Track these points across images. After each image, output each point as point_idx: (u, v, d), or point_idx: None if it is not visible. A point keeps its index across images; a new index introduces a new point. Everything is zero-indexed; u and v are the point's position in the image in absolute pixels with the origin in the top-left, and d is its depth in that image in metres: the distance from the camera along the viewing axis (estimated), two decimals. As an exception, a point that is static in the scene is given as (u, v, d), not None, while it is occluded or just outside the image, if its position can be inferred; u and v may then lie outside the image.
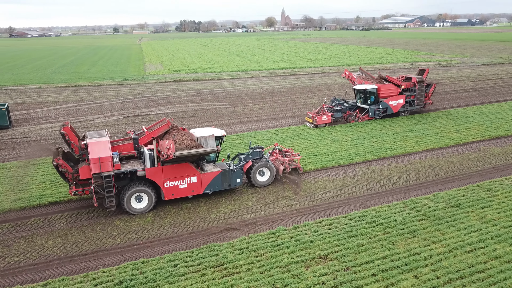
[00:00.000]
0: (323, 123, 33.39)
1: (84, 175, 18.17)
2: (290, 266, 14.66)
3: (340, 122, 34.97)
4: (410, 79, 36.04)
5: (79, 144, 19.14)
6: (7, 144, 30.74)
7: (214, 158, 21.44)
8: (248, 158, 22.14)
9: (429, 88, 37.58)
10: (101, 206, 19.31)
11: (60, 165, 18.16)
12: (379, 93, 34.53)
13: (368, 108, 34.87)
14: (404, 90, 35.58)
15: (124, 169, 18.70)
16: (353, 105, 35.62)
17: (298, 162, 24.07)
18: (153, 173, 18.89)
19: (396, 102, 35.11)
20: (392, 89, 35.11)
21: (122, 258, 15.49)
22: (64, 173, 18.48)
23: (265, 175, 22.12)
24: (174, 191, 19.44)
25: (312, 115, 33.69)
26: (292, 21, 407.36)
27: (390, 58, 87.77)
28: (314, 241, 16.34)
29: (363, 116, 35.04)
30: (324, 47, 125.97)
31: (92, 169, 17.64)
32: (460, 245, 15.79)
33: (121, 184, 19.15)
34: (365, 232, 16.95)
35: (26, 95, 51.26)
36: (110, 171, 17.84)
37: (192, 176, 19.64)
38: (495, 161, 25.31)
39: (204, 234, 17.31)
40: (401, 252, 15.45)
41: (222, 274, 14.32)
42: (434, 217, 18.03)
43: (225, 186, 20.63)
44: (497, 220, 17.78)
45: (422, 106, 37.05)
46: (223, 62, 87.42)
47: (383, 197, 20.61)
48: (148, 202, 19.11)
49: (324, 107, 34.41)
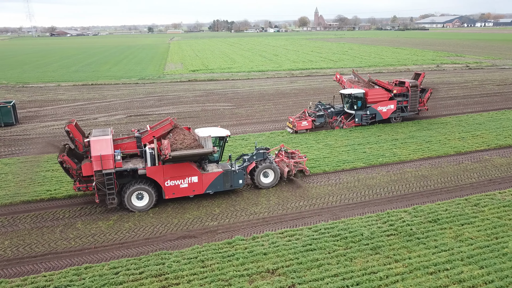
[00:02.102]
0: (303, 128, 31.95)
1: (86, 171, 18.55)
2: (233, 280, 13.95)
3: (326, 128, 33.30)
4: (403, 84, 33.83)
5: (83, 141, 19.34)
6: (6, 141, 31.55)
7: (217, 158, 21.28)
8: (252, 159, 21.79)
9: (424, 94, 35.32)
10: (102, 203, 19.53)
11: (65, 161, 18.55)
12: (366, 98, 32.67)
13: (354, 114, 33.09)
14: (396, 95, 33.53)
15: (125, 167, 18.87)
16: (340, 110, 33.94)
17: (304, 164, 23.36)
18: (154, 171, 18.99)
19: (386, 107, 33.18)
20: (381, 93, 33.17)
21: (68, 263, 15.28)
22: (68, 169, 18.87)
23: (269, 177, 21.76)
24: (174, 190, 19.51)
25: (292, 120, 32.32)
26: (326, 21, 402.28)
27: (415, 60, 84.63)
28: (268, 253, 15.54)
29: (348, 122, 33.11)
30: (351, 47, 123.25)
31: (94, 166, 18.01)
32: (424, 265, 14.55)
33: (124, 181, 19.33)
34: (325, 246, 15.98)
35: (42, 93, 52.82)
36: (111, 168, 18.19)
37: (193, 176, 19.63)
38: (494, 173, 23.50)
39: (159, 240, 16.86)
40: (356, 270, 14.40)
41: (161, 284, 13.81)
42: (405, 233, 16.79)
43: (226, 187, 20.51)
44: (474, 239, 16.33)
45: (416, 113, 34.83)
46: (243, 62, 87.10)
47: (359, 208, 19.47)
48: (149, 200, 19.28)
49: (306, 112, 33.03)
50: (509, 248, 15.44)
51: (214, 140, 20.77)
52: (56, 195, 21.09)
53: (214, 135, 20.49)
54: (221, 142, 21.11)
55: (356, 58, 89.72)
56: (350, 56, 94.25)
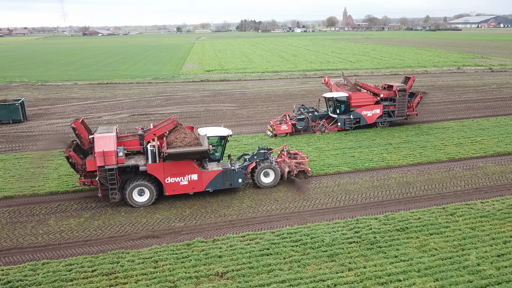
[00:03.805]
0: (282, 132, 31.44)
1: (90, 167, 19.37)
2: (179, 282, 14.04)
3: (308, 132, 32.67)
4: (391, 88, 32.76)
5: (88, 138, 20.06)
6: (9, 137, 32.84)
7: (218, 157, 21.72)
8: (252, 158, 22.12)
9: (413, 98, 34.14)
10: (105, 197, 20.21)
11: (71, 156, 19.45)
12: (350, 101, 31.90)
13: (337, 118, 32.39)
14: (383, 99, 32.52)
15: (127, 163, 19.56)
16: (324, 114, 33.32)
17: (306, 165, 23.40)
18: (154, 168, 19.56)
19: (372, 112, 32.21)
20: (366, 97, 32.30)
21: (29, 258, 15.76)
22: (74, 164, 19.77)
23: (270, 177, 22.01)
24: (175, 187, 20.03)
25: (272, 123, 31.96)
26: (354, 21, 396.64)
27: (437, 61, 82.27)
28: (222, 256, 15.54)
29: (330, 126, 32.42)
30: (373, 48, 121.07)
31: (97, 161, 18.83)
32: (377, 275, 14.18)
33: (127, 177, 19.97)
34: (282, 251, 15.83)
35: (58, 91, 54.63)
36: (113, 164, 19.00)
37: (193, 173, 20.11)
38: (483, 181, 22.59)
39: (122, 239, 17.15)
40: (305, 277, 14.20)
41: (109, 283, 14.06)
42: (367, 241, 16.40)
43: (226, 185, 20.90)
44: (438, 250, 15.77)
45: (404, 118, 33.68)
46: (260, 62, 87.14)
47: (330, 214, 19.16)
48: (150, 196, 19.89)
49: (287, 115, 32.59)
50: (470, 260, 14.84)
51: (217, 139, 21.20)
52: (38, 191, 21.81)
53: (215, 135, 20.96)
54: (223, 141, 21.53)
55: (375, 60, 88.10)
56: (369, 57, 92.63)
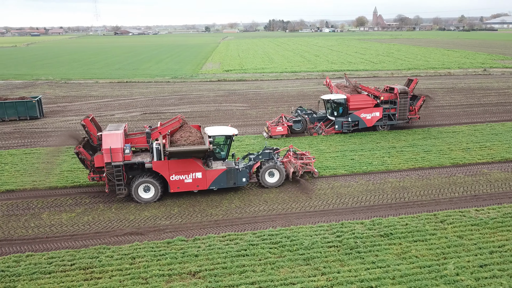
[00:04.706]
0: (278, 134, 31.24)
1: (98, 163, 20.09)
2: (152, 279, 14.27)
3: (306, 134, 32.32)
4: (393, 90, 31.88)
5: (97, 135, 20.76)
6: (23, 133, 34.17)
7: (224, 156, 22.10)
8: (257, 158, 22.40)
9: (415, 101, 33.07)
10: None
11: (80, 152, 20.26)
12: (348, 104, 31.29)
13: (334, 121, 31.76)
14: (383, 102, 31.73)
15: (133, 160, 20.19)
16: (323, 116, 32.86)
17: (312, 166, 23.44)
18: (159, 166, 20.11)
19: (371, 115, 31.44)
20: (365, 100, 31.54)
21: (15, 250, 16.37)
22: (84, 160, 20.55)
23: (275, 177, 22.22)
24: (179, 184, 20.48)
25: (268, 124, 31.78)
26: (385, 21, 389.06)
27: (463, 63, 79.70)
28: (199, 255, 15.69)
29: (327, 129, 31.91)
30: (399, 49, 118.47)
31: (105, 158, 19.54)
32: (349, 281, 13.96)
33: (134, 174, 20.61)
34: (259, 252, 15.81)
35: (78, 89, 56.35)
36: (120, 161, 19.64)
37: (197, 171, 20.58)
38: (483, 188, 21.79)
39: (107, 235, 17.57)
40: (276, 280, 14.14)
41: (84, 277, 14.45)
42: (347, 246, 16.15)
43: (230, 184, 21.24)
44: (419, 257, 15.35)
45: (406, 121, 32.65)
46: (281, 62, 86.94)
47: (316, 217, 18.97)
48: (155, 193, 20.41)
49: (283, 117, 32.28)
50: (448, 270, 14.37)
51: (222, 138, 21.53)
52: (38, 185, 22.63)
53: (220, 134, 21.28)
54: (228, 141, 21.78)
55: (399, 60, 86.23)
56: (393, 58, 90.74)
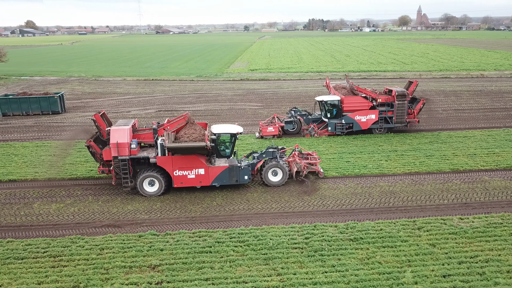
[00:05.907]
0: (269, 134, 31.08)
1: (106, 157, 21.22)
2: (112, 270, 14.84)
3: (299, 135, 32.04)
4: (391, 92, 30.83)
5: (106, 129, 21.83)
6: (41, 127, 36.13)
7: (228, 154, 22.67)
8: (261, 157, 22.85)
9: (415, 104, 31.78)
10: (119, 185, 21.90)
11: (91, 146, 21.51)
12: (342, 105, 30.58)
13: (327, 122, 31.24)
14: (380, 105, 30.71)
15: (139, 155, 21.19)
16: (317, 118, 32.34)
17: (317, 166, 23.63)
18: (163, 161, 20.92)
19: (366, 117, 30.53)
20: (360, 102, 30.70)
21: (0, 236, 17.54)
22: (94, 153, 21.80)
23: (278, 175, 22.50)
24: (183, 180, 21.20)
25: (260, 125, 31.67)
26: (430, 20, 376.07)
27: (501, 65, 75.83)
28: (164, 250, 16.12)
29: (320, 131, 31.40)
30: (436, 49, 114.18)
31: (112, 152, 20.63)
32: (302, 283, 13.90)
33: (141, 168, 21.60)
34: (223, 250, 16.04)
35: (105, 86, 58.66)
36: (126, 155, 20.65)
37: (200, 168, 21.20)
38: (477, 196, 20.85)
39: (86, 226, 18.37)
40: (230, 277, 14.31)
41: (51, 264, 15.25)
42: (311, 248, 16.04)
43: (232, 181, 21.72)
44: (382, 263, 15.01)
45: (404, 125, 31.47)
46: (309, 62, 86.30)
47: (292, 218, 18.91)
48: (159, 187, 21.24)
49: (276, 117, 32.02)
50: (406, 278, 13.97)
51: (227, 136, 22.04)
52: (39, 176, 23.97)
53: (225, 132, 21.84)
54: (232, 139, 22.22)
55: (432, 61, 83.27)
56: (426, 59, 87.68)
